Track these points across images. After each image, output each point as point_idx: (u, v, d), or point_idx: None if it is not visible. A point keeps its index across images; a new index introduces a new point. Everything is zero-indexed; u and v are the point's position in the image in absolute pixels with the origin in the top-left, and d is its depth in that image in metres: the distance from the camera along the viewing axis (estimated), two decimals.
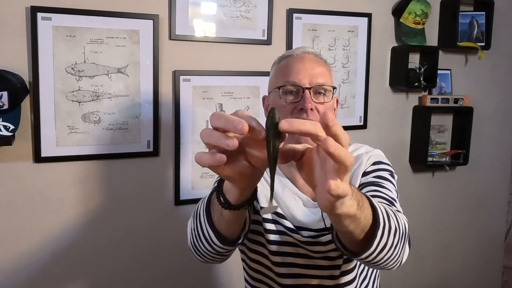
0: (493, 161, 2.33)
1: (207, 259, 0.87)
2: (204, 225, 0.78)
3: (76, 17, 1.42)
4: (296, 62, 1.04)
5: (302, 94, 1.00)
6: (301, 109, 0.99)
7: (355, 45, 1.89)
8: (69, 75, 1.44)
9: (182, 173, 1.62)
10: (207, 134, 0.55)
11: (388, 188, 1.00)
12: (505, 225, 2.46)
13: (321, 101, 1.01)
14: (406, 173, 2.12)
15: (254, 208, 1.04)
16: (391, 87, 2.02)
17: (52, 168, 1.46)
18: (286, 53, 1.10)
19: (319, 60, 1.06)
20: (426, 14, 1.96)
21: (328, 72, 1.06)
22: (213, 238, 0.77)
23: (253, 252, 1.08)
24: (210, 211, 0.77)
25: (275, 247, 1.02)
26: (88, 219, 1.52)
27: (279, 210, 1.03)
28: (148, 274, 1.63)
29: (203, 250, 0.83)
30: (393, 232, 0.74)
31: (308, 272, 1.03)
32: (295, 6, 1.75)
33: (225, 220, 0.74)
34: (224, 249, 0.80)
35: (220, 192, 0.68)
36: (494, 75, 2.25)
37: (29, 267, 1.46)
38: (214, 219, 0.76)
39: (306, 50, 1.07)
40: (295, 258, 1.03)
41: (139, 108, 1.54)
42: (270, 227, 1.03)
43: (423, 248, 2.20)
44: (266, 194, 1.04)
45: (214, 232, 0.77)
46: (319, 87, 1.01)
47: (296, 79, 1.01)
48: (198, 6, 1.59)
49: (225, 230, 0.77)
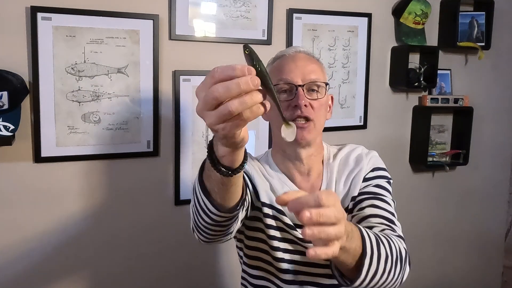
0: (493, 161, 2.33)
1: (209, 236, 0.87)
2: (200, 196, 0.78)
3: (76, 17, 1.42)
4: (289, 61, 1.06)
5: (295, 91, 1.02)
6: (295, 106, 1.01)
7: (355, 45, 1.89)
8: (69, 75, 1.44)
9: (182, 173, 1.62)
10: (242, 102, 0.54)
11: (387, 201, 1.03)
12: (505, 225, 2.47)
13: (314, 97, 1.03)
14: (406, 173, 2.12)
15: (253, 203, 1.05)
16: (391, 87, 2.02)
17: (52, 168, 1.46)
18: (279, 53, 1.12)
19: (310, 58, 1.08)
20: (426, 14, 1.96)
21: (320, 69, 1.08)
22: (210, 207, 0.77)
23: (253, 249, 1.09)
24: (204, 182, 0.77)
25: (275, 243, 1.04)
26: (88, 219, 1.52)
27: (278, 206, 1.04)
28: (148, 274, 1.63)
29: (203, 224, 0.83)
30: (383, 259, 0.79)
31: (308, 269, 1.05)
32: (295, 6, 1.75)
33: (225, 188, 0.73)
34: (223, 217, 0.79)
35: (217, 163, 0.67)
36: (494, 75, 2.25)
37: (29, 266, 1.46)
38: (208, 187, 0.76)
39: (298, 49, 1.10)
40: (293, 255, 1.04)
41: (139, 108, 1.54)
42: (271, 223, 1.04)
43: (423, 248, 2.20)
44: (266, 188, 1.06)
45: (209, 200, 0.77)
46: (312, 83, 1.03)
47: (289, 77, 1.03)
48: (198, 6, 1.59)
49: (224, 197, 0.76)
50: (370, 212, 0.99)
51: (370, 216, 0.98)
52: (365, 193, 1.04)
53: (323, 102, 1.05)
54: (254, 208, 1.05)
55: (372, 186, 1.06)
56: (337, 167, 1.10)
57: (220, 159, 0.67)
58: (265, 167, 1.10)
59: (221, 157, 0.66)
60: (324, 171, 1.10)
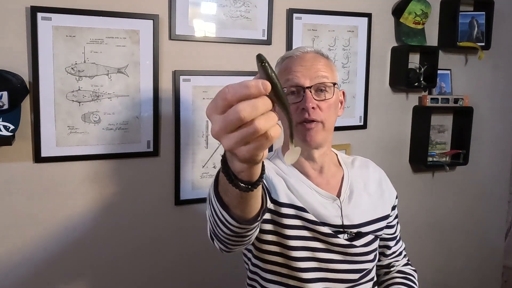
0: (493, 161, 2.33)
1: (230, 246, 0.85)
2: (218, 209, 0.74)
3: (76, 17, 1.42)
4: (296, 63, 1.05)
5: (303, 93, 1.01)
6: (302, 108, 1.00)
7: (355, 45, 1.89)
8: (69, 75, 1.44)
9: (182, 173, 1.62)
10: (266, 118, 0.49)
11: (398, 225, 1.26)
12: (505, 225, 2.47)
13: (322, 98, 1.03)
14: (406, 173, 2.12)
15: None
16: (391, 87, 2.02)
17: (52, 168, 1.46)
18: (286, 54, 1.11)
19: (318, 57, 1.07)
20: (426, 14, 1.96)
21: (330, 67, 1.07)
22: (229, 219, 0.74)
23: (264, 253, 1.06)
24: (221, 195, 0.73)
25: (293, 242, 1.02)
26: (88, 219, 1.52)
27: (299, 204, 1.04)
28: (148, 274, 1.63)
29: (223, 235, 0.80)
30: None
31: (330, 266, 1.05)
32: (295, 6, 1.75)
33: (245, 201, 0.69)
34: (243, 228, 0.76)
35: (235, 179, 0.61)
36: (494, 75, 2.25)
37: (29, 266, 1.46)
38: (226, 200, 0.72)
39: (306, 50, 1.08)
40: (314, 253, 1.04)
41: (139, 108, 1.54)
42: (290, 223, 1.02)
43: (422, 248, 2.20)
44: (283, 188, 1.05)
45: (229, 214, 0.73)
46: (319, 84, 1.02)
47: (296, 79, 1.02)
48: (198, 6, 1.59)
49: (244, 210, 0.72)
50: (390, 237, 1.23)
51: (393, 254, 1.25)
52: (393, 221, 1.22)
53: (332, 102, 1.04)
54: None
55: (394, 216, 1.22)
56: (358, 168, 1.19)
57: (237, 174, 0.61)
58: (279, 166, 1.10)
59: (238, 172, 0.60)
60: (344, 168, 1.16)
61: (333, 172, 1.13)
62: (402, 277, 1.23)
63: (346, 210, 1.07)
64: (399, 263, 1.27)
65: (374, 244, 1.11)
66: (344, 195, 1.10)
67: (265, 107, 0.48)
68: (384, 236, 1.20)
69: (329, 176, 1.12)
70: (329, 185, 1.10)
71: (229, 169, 0.61)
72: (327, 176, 1.11)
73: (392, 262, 1.26)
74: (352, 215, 1.08)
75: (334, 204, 1.07)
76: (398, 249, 1.26)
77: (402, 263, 1.28)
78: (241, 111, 0.47)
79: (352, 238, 1.07)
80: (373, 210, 1.12)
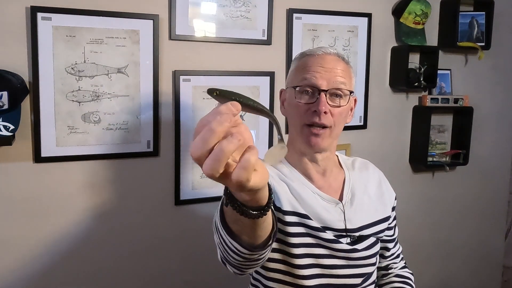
0: (493, 161, 2.33)
1: (243, 269, 0.84)
2: (227, 239, 0.74)
3: (76, 17, 1.42)
4: (316, 62, 1.02)
5: (317, 96, 0.99)
6: (314, 111, 0.98)
7: (355, 45, 1.89)
8: (69, 75, 1.44)
9: (182, 173, 1.62)
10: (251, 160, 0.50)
11: (396, 227, 1.26)
12: (505, 225, 2.47)
13: (336, 103, 1.01)
14: (406, 173, 2.12)
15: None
16: (391, 87, 2.02)
17: (52, 168, 1.46)
18: (308, 51, 1.08)
19: (340, 62, 1.04)
20: (426, 14, 1.96)
21: (348, 74, 1.05)
22: (240, 248, 0.73)
23: (268, 261, 1.05)
24: (229, 225, 0.72)
25: (296, 250, 1.01)
26: (88, 219, 1.52)
27: (302, 211, 1.02)
28: (147, 274, 1.63)
29: (234, 262, 0.79)
30: None
31: (333, 272, 1.04)
32: (295, 6, 1.75)
33: (257, 226, 0.68)
34: (255, 253, 0.75)
35: (244, 208, 0.60)
36: (494, 75, 2.25)
37: (29, 266, 1.46)
38: (235, 230, 0.71)
39: (328, 51, 1.05)
40: (318, 259, 1.03)
41: (139, 108, 1.54)
42: (294, 230, 1.00)
43: (422, 248, 2.20)
44: (286, 195, 1.03)
45: (239, 242, 0.72)
46: (336, 90, 1.00)
47: (313, 80, 1.00)
48: (198, 6, 1.59)
49: (255, 236, 0.71)
50: (389, 238, 1.23)
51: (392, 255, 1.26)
52: (392, 223, 1.21)
53: (345, 109, 1.03)
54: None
55: (393, 217, 1.21)
56: (358, 170, 1.18)
57: (246, 203, 0.60)
58: (282, 170, 1.08)
59: (245, 201, 0.59)
60: (345, 170, 1.16)
61: (335, 175, 1.13)
62: (401, 281, 1.23)
63: (348, 213, 1.07)
64: (397, 266, 1.27)
65: (375, 247, 1.11)
66: (346, 198, 1.10)
67: (230, 118, 0.49)
68: (384, 238, 1.20)
69: (331, 179, 1.11)
70: (331, 188, 1.10)
71: (237, 201, 0.60)
72: (329, 179, 1.10)
73: (390, 264, 1.26)
74: (354, 218, 1.07)
75: (336, 208, 1.06)
76: (396, 251, 1.27)
77: (400, 266, 1.28)
78: (210, 122, 0.49)
79: (355, 242, 1.06)
80: (374, 212, 1.12)
